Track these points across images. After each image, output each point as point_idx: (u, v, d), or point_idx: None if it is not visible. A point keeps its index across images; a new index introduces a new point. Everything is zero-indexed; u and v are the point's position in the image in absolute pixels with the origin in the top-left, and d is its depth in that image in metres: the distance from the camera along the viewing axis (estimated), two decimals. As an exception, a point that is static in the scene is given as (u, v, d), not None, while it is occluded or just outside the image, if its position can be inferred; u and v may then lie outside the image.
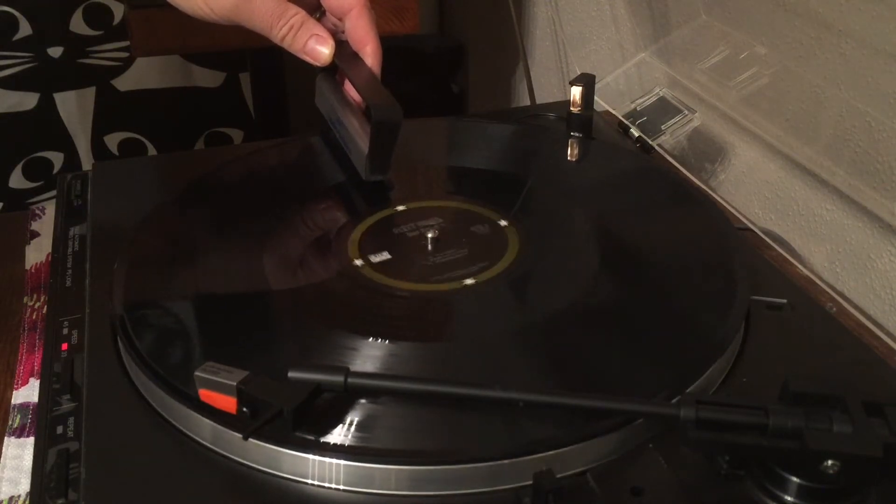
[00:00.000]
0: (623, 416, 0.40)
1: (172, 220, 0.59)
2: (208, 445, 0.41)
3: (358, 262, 0.54)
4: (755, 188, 0.73)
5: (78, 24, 1.18)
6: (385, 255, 0.54)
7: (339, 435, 0.40)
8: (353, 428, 0.41)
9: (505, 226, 0.58)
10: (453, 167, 0.69)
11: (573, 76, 0.70)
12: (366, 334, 0.47)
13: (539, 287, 0.53)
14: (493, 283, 0.52)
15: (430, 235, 0.56)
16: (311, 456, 0.39)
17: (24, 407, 0.49)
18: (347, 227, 0.58)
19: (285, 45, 0.60)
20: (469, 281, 0.52)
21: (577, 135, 0.69)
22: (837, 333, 0.50)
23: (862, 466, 0.36)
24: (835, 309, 0.54)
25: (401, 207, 0.60)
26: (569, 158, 0.69)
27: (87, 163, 1.25)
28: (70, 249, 0.58)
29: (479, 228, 0.58)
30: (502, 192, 0.62)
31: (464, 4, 1.42)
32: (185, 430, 0.42)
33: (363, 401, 0.42)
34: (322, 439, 0.40)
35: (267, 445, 0.39)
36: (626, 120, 0.75)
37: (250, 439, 0.39)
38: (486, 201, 0.60)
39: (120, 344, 0.47)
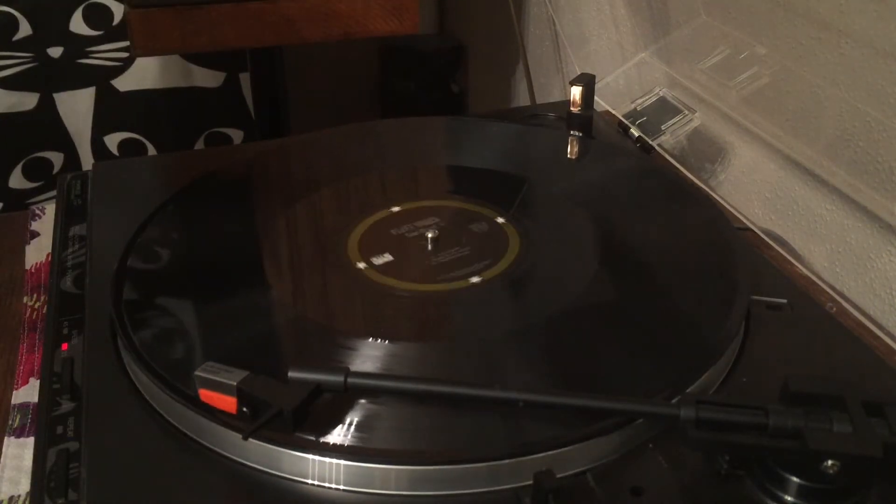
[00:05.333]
0: (623, 416, 0.40)
1: (172, 219, 0.59)
2: (208, 445, 0.41)
3: (361, 265, 0.54)
4: (755, 188, 0.73)
5: (78, 24, 1.17)
6: (387, 257, 0.54)
7: (338, 435, 0.40)
8: (353, 428, 0.41)
9: (504, 224, 0.58)
10: (452, 167, 0.69)
11: (573, 76, 0.70)
12: (366, 335, 0.47)
13: (539, 287, 0.53)
14: (494, 283, 0.52)
15: (429, 235, 0.56)
16: (311, 456, 0.39)
17: (24, 407, 0.49)
18: (347, 226, 0.58)
19: None
20: (474, 279, 0.52)
21: (576, 133, 0.69)
22: (837, 333, 0.50)
23: (862, 466, 0.36)
24: (835, 309, 0.54)
25: (398, 208, 0.60)
26: (568, 157, 0.69)
27: (87, 163, 1.25)
28: (70, 249, 0.58)
29: (479, 227, 0.58)
30: (501, 192, 0.62)
31: (464, 4, 1.42)
32: (185, 430, 0.42)
33: (363, 401, 0.42)
34: (322, 439, 0.40)
35: (267, 445, 0.39)
36: (626, 120, 0.75)
37: (250, 439, 0.39)
38: (485, 201, 0.60)
39: (120, 344, 0.47)
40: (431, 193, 0.64)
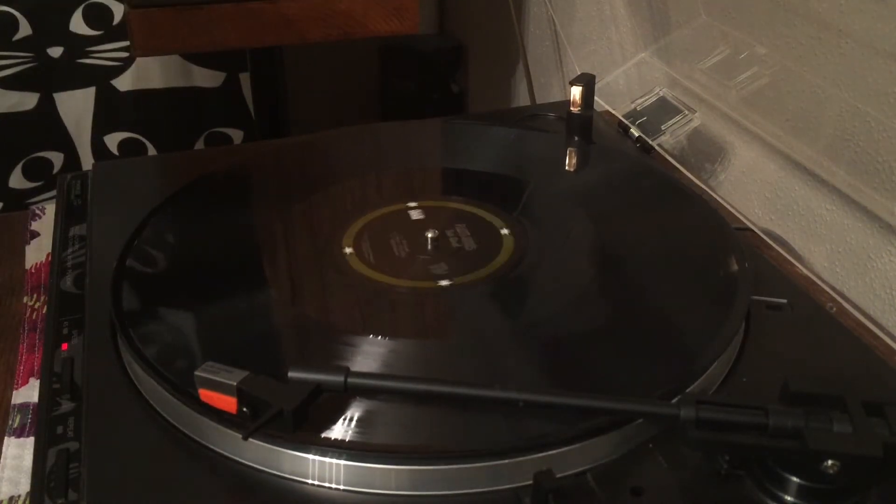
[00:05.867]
0: (623, 416, 0.40)
1: (172, 219, 0.59)
2: (208, 445, 0.41)
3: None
4: (755, 188, 0.73)
5: (78, 24, 1.17)
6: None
7: (339, 435, 0.40)
8: (353, 428, 0.41)
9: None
10: (450, 169, 0.69)
11: (573, 76, 0.70)
12: (365, 333, 0.47)
13: (538, 287, 0.53)
14: (494, 284, 0.52)
15: (429, 236, 0.56)
16: (311, 456, 0.39)
17: (24, 407, 0.49)
18: (347, 227, 0.58)
19: None
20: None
21: (575, 139, 0.69)
22: (837, 333, 0.50)
23: (862, 466, 0.36)
24: (835, 309, 0.54)
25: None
26: (567, 160, 0.69)
27: (87, 163, 1.25)
28: (70, 249, 0.58)
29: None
30: (500, 193, 0.62)
31: (464, 4, 1.42)
32: (184, 430, 0.42)
33: (363, 401, 0.42)
34: (322, 439, 0.40)
35: (267, 445, 0.39)
36: (626, 120, 0.75)
37: (250, 439, 0.39)
38: (484, 202, 0.60)
39: (120, 344, 0.47)
40: (430, 195, 0.64)
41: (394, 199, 0.61)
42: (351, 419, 0.41)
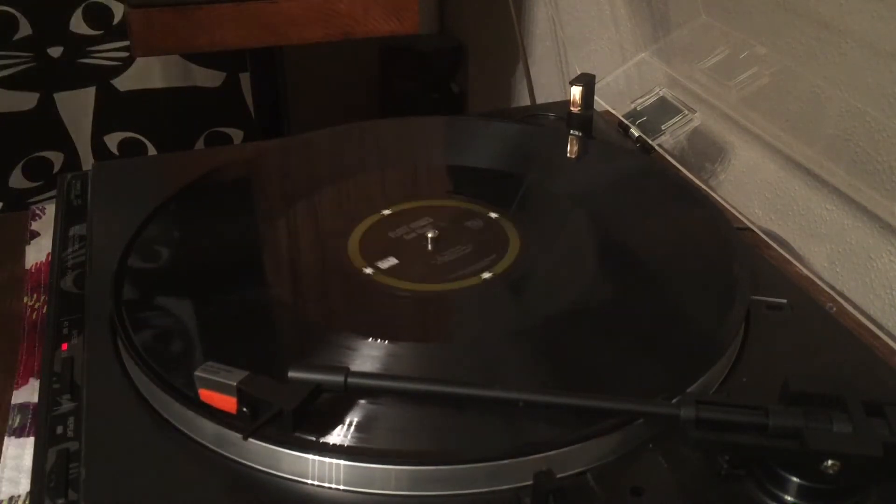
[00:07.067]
0: (623, 416, 0.40)
1: (172, 219, 0.59)
2: (208, 445, 0.41)
3: (360, 264, 0.54)
4: (755, 188, 0.73)
5: (78, 24, 1.18)
6: (386, 256, 0.54)
7: (339, 435, 0.40)
8: (353, 428, 0.41)
9: (504, 224, 0.58)
10: (451, 166, 0.69)
11: (573, 76, 0.70)
12: (366, 334, 0.47)
13: (539, 287, 0.53)
14: (494, 283, 0.52)
15: (429, 235, 0.56)
16: (311, 456, 0.39)
17: (24, 407, 0.49)
18: (347, 225, 0.58)
19: None
20: (475, 279, 0.52)
21: (576, 133, 0.69)
22: (837, 333, 0.50)
23: (862, 466, 0.36)
24: (835, 309, 0.54)
25: (397, 207, 0.60)
26: (568, 157, 0.69)
27: (87, 163, 1.25)
28: (70, 249, 0.58)
29: (478, 227, 0.58)
30: (501, 192, 0.62)
31: (464, 4, 1.42)
32: (185, 430, 0.42)
33: (363, 401, 0.42)
34: (322, 439, 0.40)
35: (267, 445, 0.39)
36: (627, 120, 0.75)
37: (250, 439, 0.39)
38: (485, 200, 0.60)
39: (120, 344, 0.47)
40: (431, 193, 0.64)
41: (395, 197, 0.61)
42: (351, 420, 0.41)
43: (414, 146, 0.72)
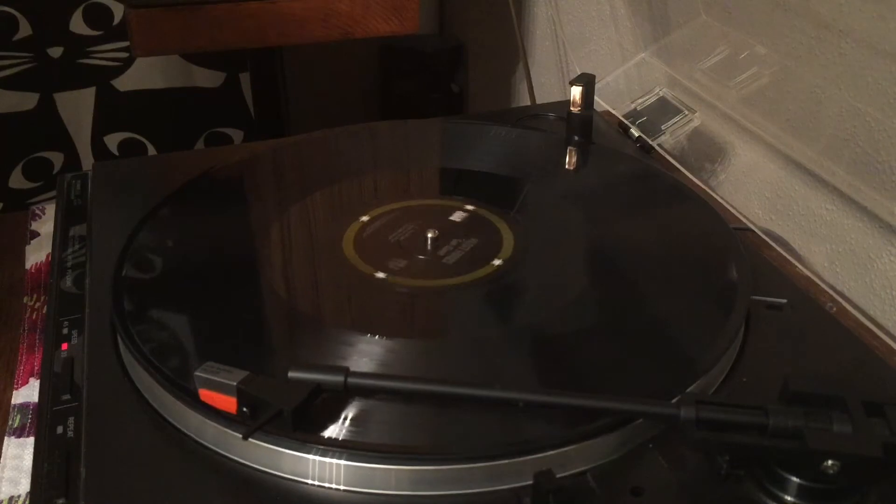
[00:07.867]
0: (623, 416, 0.40)
1: (172, 219, 0.59)
2: (208, 445, 0.41)
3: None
4: (755, 188, 0.73)
5: (78, 24, 1.17)
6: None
7: (339, 435, 0.40)
8: (353, 428, 0.41)
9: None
10: (449, 169, 0.69)
11: (573, 76, 0.70)
12: (365, 333, 0.47)
13: (538, 287, 0.53)
14: (494, 283, 0.52)
15: (429, 235, 0.56)
16: (311, 456, 0.39)
17: (24, 407, 0.49)
18: (346, 225, 0.58)
19: None
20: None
21: (576, 139, 0.69)
22: (837, 333, 0.50)
23: (862, 466, 0.36)
24: (835, 309, 0.54)
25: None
26: (567, 161, 0.69)
27: (87, 163, 1.25)
28: (70, 249, 0.58)
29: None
30: (499, 194, 0.62)
31: (464, 4, 1.42)
32: (185, 430, 0.42)
33: (363, 401, 0.42)
34: (322, 439, 0.40)
35: (267, 445, 0.39)
36: (627, 120, 0.75)
37: (250, 439, 0.39)
38: (484, 201, 0.60)
39: (120, 344, 0.47)
40: (429, 193, 0.64)
41: (394, 197, 0.61)
42: (351, 419, 0.41)
43: (413, 148, 0.72)
